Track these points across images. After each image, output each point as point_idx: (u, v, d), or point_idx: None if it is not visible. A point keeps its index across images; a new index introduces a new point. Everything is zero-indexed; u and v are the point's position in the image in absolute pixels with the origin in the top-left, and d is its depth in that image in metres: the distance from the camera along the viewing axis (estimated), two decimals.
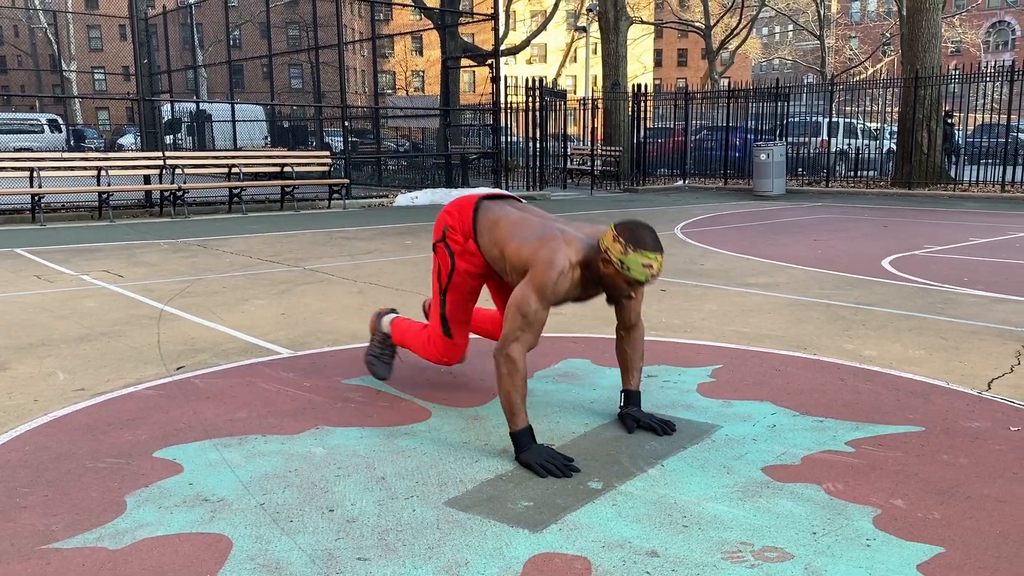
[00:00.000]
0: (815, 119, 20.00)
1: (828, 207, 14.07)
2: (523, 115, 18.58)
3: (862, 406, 3.35)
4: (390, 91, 45.82)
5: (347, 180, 14.40)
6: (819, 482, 2.61)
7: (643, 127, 20.70)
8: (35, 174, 11.11)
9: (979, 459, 2.79)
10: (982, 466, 2.73)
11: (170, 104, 22.29)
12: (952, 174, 17.83)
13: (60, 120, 26.80)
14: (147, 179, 12.66)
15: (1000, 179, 16.57)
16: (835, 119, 19.81)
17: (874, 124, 21.36)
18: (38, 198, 11.07)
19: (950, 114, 17.98)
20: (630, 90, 20.88)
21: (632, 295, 2.82)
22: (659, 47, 71.99)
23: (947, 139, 17.98)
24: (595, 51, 40.86)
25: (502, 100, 17.52)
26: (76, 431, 3.09)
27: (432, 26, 22.25)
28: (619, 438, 3.00)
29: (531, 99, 17.96)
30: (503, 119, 18.17)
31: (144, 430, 3.09)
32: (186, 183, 12.42)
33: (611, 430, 3.08)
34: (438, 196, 15.14)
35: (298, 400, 3.45)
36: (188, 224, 11.13)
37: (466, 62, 21.83)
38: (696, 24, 41.21)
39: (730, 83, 24.24)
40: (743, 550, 2.18)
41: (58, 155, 12.03)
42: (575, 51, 50.36)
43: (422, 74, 51.59)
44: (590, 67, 38.17)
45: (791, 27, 56.93)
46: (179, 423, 3.17)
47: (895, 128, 18.96)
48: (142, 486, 2.59)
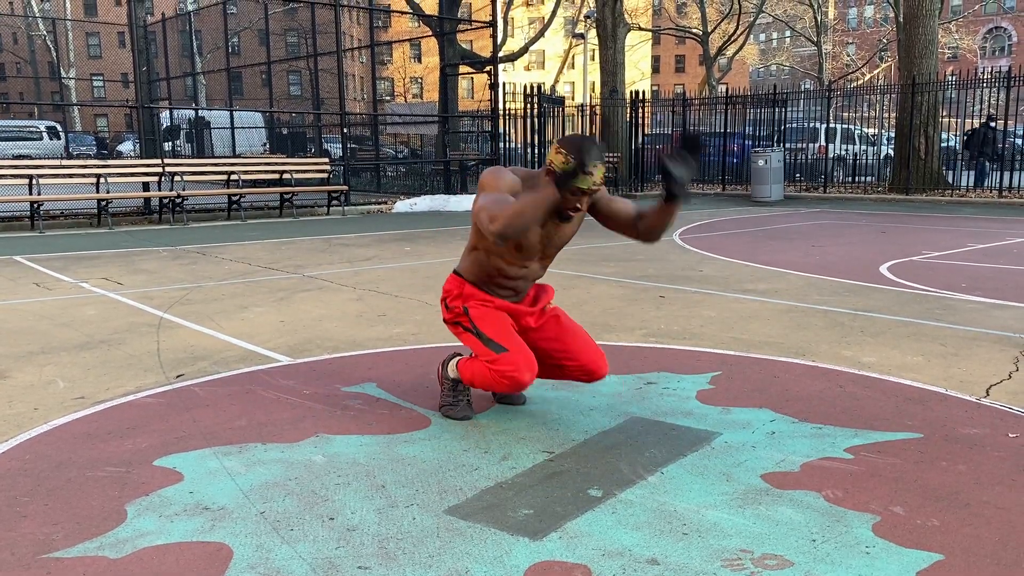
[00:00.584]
0: (813, 125, 20.05)
1: (826, 213, 14.09)
2: (521, 121, 18.61)
3: (861, 413, 3.36)
4: (389, 98, 45.89)
5: (346, 187, 14.41)
6: (818, 489, 2.61)
7: (641, 133, 20.73)
8: (34, 181, 11.12)
9: (978, 466, 2.80)
10: (981, 473, 2.74)
11: (169, 111, 22.32)
12: (994, 180, 17.27)
13: (59, 127, 26.81)
14: (146, 186, 12.67)
15: (998, 184, 16.60)
16: (833, 125, 19.87)
17: (871, 130, 21.40)
18: (37, 205, 11.07)
19: (993, 118, 17.16)
20: (628, 96, 20.92)
21: (579, 206, 2.93)
22: (657, 53, 72.12)
23: (990, 144, 17.24)
24: (593, 58, 40.97)
25: (500, 106, 17.55)
26: (76, 439, 3.09)
27: (431, 33, 22.31)
28: (619, 446, 3.00)
29: (529, 106, 17.98)
30: (501, 125, 18.20)
31: (144, 438, 3.09)
32: (185, 190, 12.43)
33: (611, 438, 3.09)
34: (437, 202, 15.14)
35: (298, 408, 3.45)
36: (187, 231, 11.13)
37: (464, 69, 21.86)
38: (694, 31, 41.30)
39: (728, 89, 24.29)
40: (743, 558, 2.18)
41: (57, 162, 12.04)
42: (573, 58, 50.48)
43: (421, 81, 51.65)
44: (588, 73, 38.24)
45: (788, 33, 57.07)
46: (179, 431, 3.17)
47: (892, 134, 19.00)
48: (142, 495, 2.59)
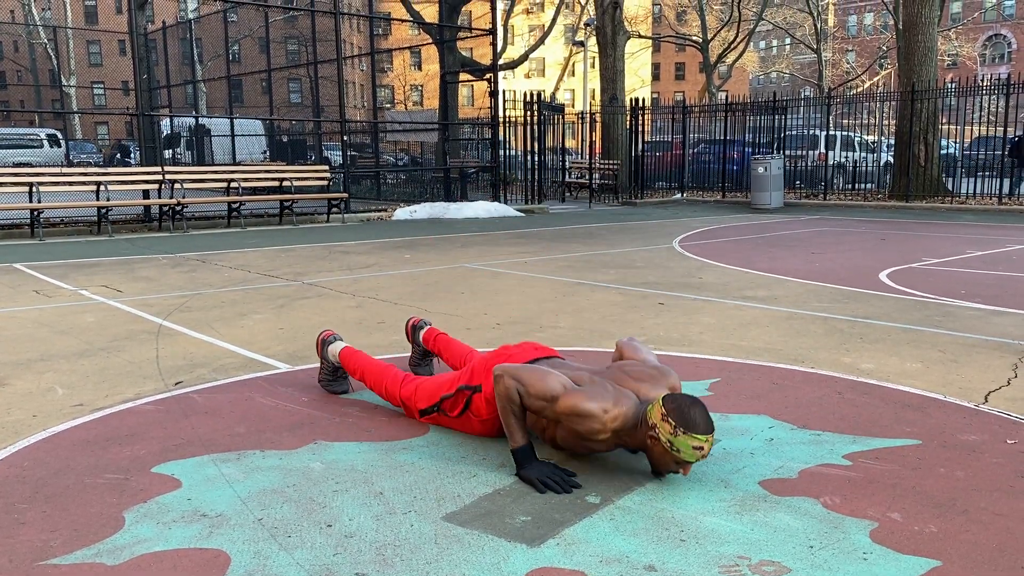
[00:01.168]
0: (813, 132, 20.08)
1: (826, 220, 14.11)
2: (521, 129, 18.65)
3: (859, 419, 3.36)
4: (389, 105, 46.00)
5: (346, 194, 14.43)
6: (816, 496, 2.61)
7: (641, 140, 20.77)
8: (34, 189, 11.14)
9: (976, 472, 2.80)
10: (979, 479, 2.74)
11: (169, 119, 22.37)
12: None
13: (59, 135, 26.86)
14: (146, 194, 12.69)
15: (998, 192, 16.62)
16: (832, 132, 19.90)
17: (871, 137, 21.44)
18: (37, 213, 11.09)
19: None
20: (628, 104, 20.97)
21: (681, 471, 2.70)
22: (657, 61, 72.29)
23: None
24: (593, 65, 41.05)
25: (500, 114, 17.60)
26: (75, 447, 3.09)
27: (431, 41, 22.37)
28: (617, 452, 3.00)
29: (529, 113, 18.03)
30: (501, 133, 18.24)
31: (142, 445, 3.09)
32: (185, 198, 12.45)
33: None
34: (437, 210, 15.17)
35: (296, 415, 3.45)
36: (187, 239, 11.14)
37: (465, 76, 21.92)
38: (693, 38, 41.40)
39: (728, 96, 24.34)
40: (740, 564, 2.18)
41: (57, 170, 12.07)
42: (573, 65, 50.61)
43: (421, 88, 51.78)
44: (588, 81, 38.35)
45: (788, 41, 57.21)
46: (177, 438, 3.17)
47: (892, 141, 19.03)
48: (140, 501, 2.59)
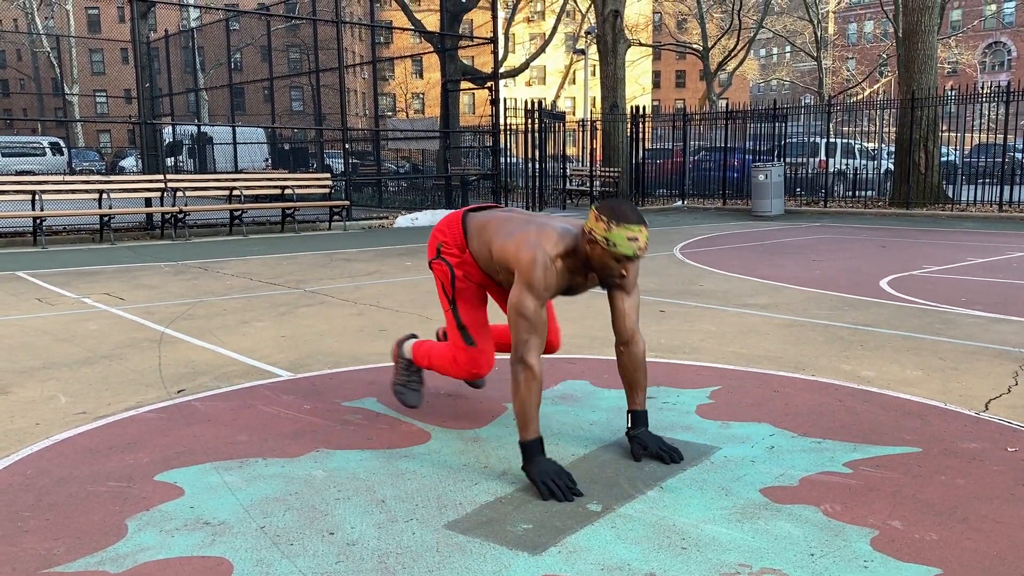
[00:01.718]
0: (813, 139, 20.11)
1: (826, 227, 14.12)
2: (522, 136, 18.68)
3: (860, 427, 3.36)
4: (390, 113, 46.09)
5: (347, 202, 14.46)
6: (817, 503, 2.62)
7: (642, 148, 20.80)
8: (37, 197, 11.17)
9: (977, 480, 2.80)
10: (980, 487, 2.74)
11: (171, 127, 22.43)
12: None
13: (62, 143, 26.93)
14: (148, 202, 12.72)
15: (998, 199, 16.63)
16: (833, 139, 19.93)
17: (872, 144, 21.46)
18: (40, 221, 11.11)
19: None
20: (628, 111, 21.01)
21: (624, 272, 2.83)
22: (657, 69, 72.44)
23: None
24: (594, 73, 41.15)
25: (501, 122, 17.63)
26: (77, 454, 3.10)
27: (432, 49, 22.43)
28: (618, 460, 3.01)
29: (530, 121, 18.07)
30: (502, 140, 18.28)
31: (145, 453, 3.10)
32: (187, 206, 12.48)
33: (610, 452, 3.10)
34: (438, 217, 15.20)
35: (298, 423, 3.46)
36: (189, 246, 11.17)
37: (466, 84, 21.99)
38: (694, 46, 41.50)
39: (728, 104, 24.39)
40: (741, 572, 2.19)
41: (60, 178, 12.09)
42: (574, 73, 50.71)
43: (422, 96, 51.89)
44: (589, 89, 38.42)
45: (788, 48, 57.32)
46: (180, 446, 3.18)
47: (892, 148, 19.05)
48: (143, 509, 2.60)
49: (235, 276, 8.09)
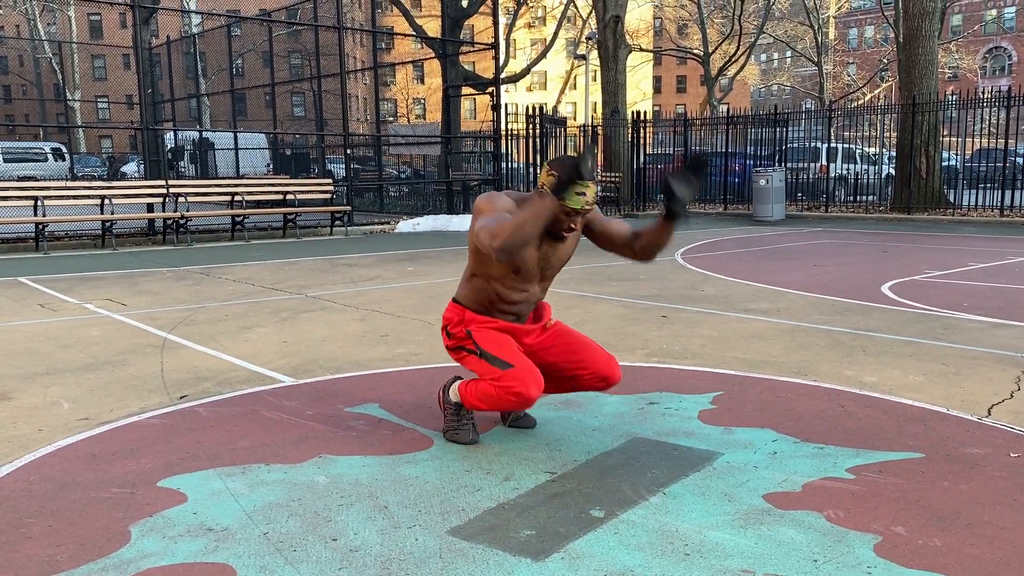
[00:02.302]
0: (814, 144, 20.11)
1: (828, 232, 14.12)
2: (523, 142, 18.71)
3: (862, 432, 3.36)
4: (392, 119, 46.12)
5: (349, 207, 14.47)
6: (820, 509, 2.62)
7: (643, 153, 20.82)
8: (39, 203, 11.19)
9: (980, 485, 2.80)
10: (983, 492, 2.74)
11: (173, 132, 22.46)
12: None
13: (64, 149, 26.97)
14: (150, 207, 12.74)
15: (999, 204, 16.63)
16: (834, 144, 19.93)
17: (873, 149, 21.47)
18: (42, 227, 11.13)
19: None
20: (629, 117, 21.04)
21: (572, 226, 3.00)
22: (658, 74, 72.53)
23: None
24: (595, 78, 41.18)
25: (503, 127, 17.65)
26: (80, 460, 3.10)
27: (433, 55, 22.46)
28: (621, 466, 3.01)
29: (531, 126, 18.09)
30: (504, 146, 18.30)
31: (148, 459, 3.11)
32: (189, 211, 12.50)
33: (613, 458, 3.09)
34: (439, 222, 15.21)
35: (301, 429, 3.46)
36: (191, 252, 11.18)
37: (467, 90, 22.01)
38: (695, 51, 41.55)
39: (729, 109, 24.41)
40: None
41: (62, 184, 12.12)
42: (575, 78, 50.77)
43: (423, 102, 51.96)
44: (590, 94, 38.47)
45: (789, 54, 57.37)
46: (183, 452, 3.18)
47: (894, 153, 19.06)
48: (146, 516, 2.60)
49: (237, 282, 8.10)
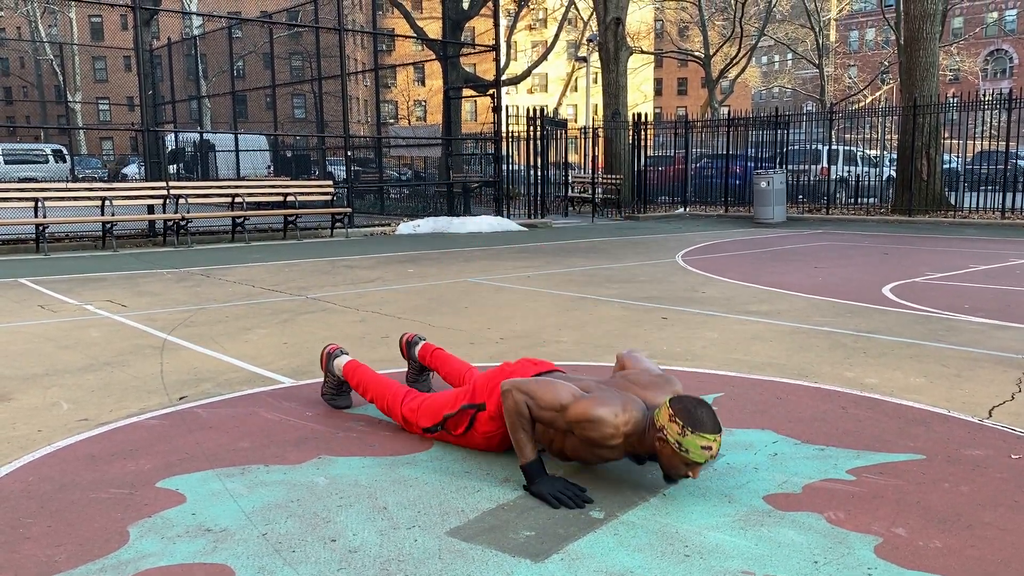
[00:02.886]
0: (815, 147, 20.12)
1: (829, 234, 14.12)
2: (524, 144, 18.71)
3: (863, 434, 3.35)
4: (392, 120, 46.14)
5: (349, 209, 14.48)
6: (820, 511, 2.61)
7: (643, 155, 20.82)
8: (39, 204, 11.20)
9: (981, 487, 2.79)
10: (984, 494, 2.73)
11: (174, 134, 22.47)
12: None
13: (65, 150, 26.99)
14: (151, 209, 12.74)
15: (1000, 206, 16.63)
16: (835, 147, 19.94)
17: (874, 151, 21.48)
18: (42, 228, 11.13)
19: None
20: (630, 119, 21.04)
21: (690, 474, 2.70)
22: (659, 76, 72.59)
23: None
24: (596, 80, 41.20)
25: (503, 129, 17.66)
26: (79, 461, 3.10)
27: (434, 57, 22.48)
28: (621, 467, 3.00)
29: (532, 128, 18.09)
30: (504, 148, 18.30)
31: (147, 460, 3.10)
32: (189, 213, 12.50)
33: None
34: (440, 224, 15.21)
35: (300, 430, 3.46)
36: (191, 253, 11.18)
37: (468, 92, 22.00)
38: (696, 53, 41.57)
39: (730, 111, 24.43)
40: None
41: (62, 185, 12.12)
42: (576, 80, 50.79)
43: (424, 103, 51.98)
44: (591, 96, 38.48)
45: (790, 56, 57.41)
46: (182, 453, 3.18)
47: (895, 155, 19.06)
48: (145, 516, 2.60)
49: (237, 283, 8.09)
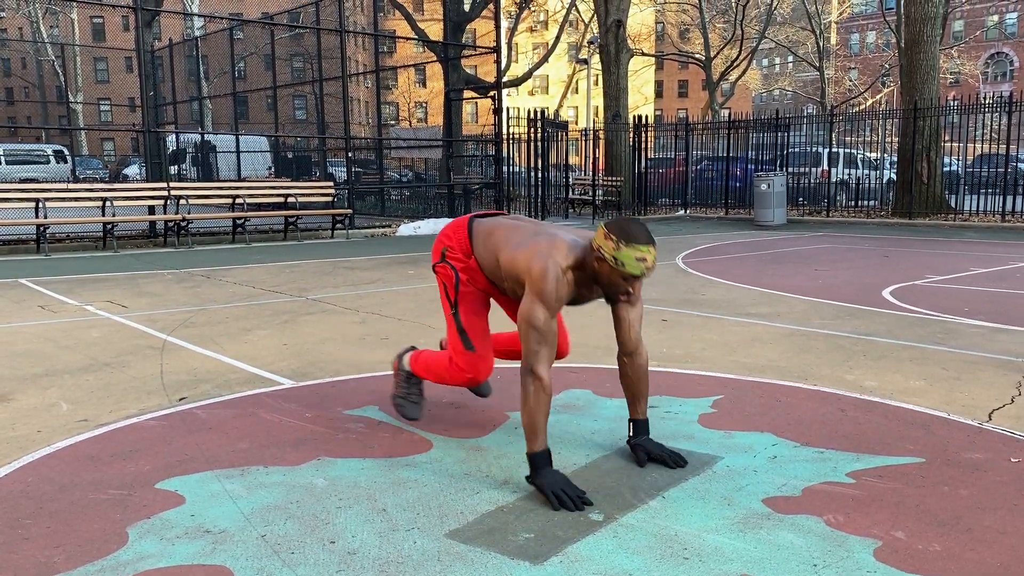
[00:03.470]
0: (815, 149, 20.11)
1: (829, 237, 14.12)
2: (525, 146, 18.72)
3: (863, 437, 3.35)
4: (393, 122, 46.16)
5: (350, 210, 14.48)
6: (820, 514, 2.61)
7: (644, 157, 20.82)
8: (40, 204, 11.20)
9: (980, 490, 2.79)
10: (983, 497, 2.73)
11: (175, 135, 22.48)
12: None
13: (66, 151, 27.00)
14: (151, 209, 12.74)
15: (1000, 209, 16.63)
16: (835, 149, 19.93)
17: (874, 154, 21.47)
18: (43, 228, 11.13)
19: None
20: (631, 121, 21.04)
21: (630, 290, 2.85)
22: (660, 78, 72.59)
23: None
24: (596, 83, 41.21)
25: (504, 131, 17.66)
26: (79, 462, 3.10)
27: (435, 59, 22.49)
28: (620, 469, 3.00)
29: (533, 130, 18.10)
30: (505, 150, 18.31)
31: (146, 461, 3.10)
32: (190, 213, 12.50)
33: (613, 461, 3.09)
34: (441, 226, 15.21)
35: (300, 431, 3.46)
36: (192, 254, 11.18)
37: (469, 94, 22.00)
38: (696, 56, 41.59)
39: (731, 114, 24.43)
40: None
41: (63, 186, 12.12)
42: (577, 82, 50.79)
43: (425, 105, 51.99)
44: (591, 98, 38.49)
45: (791, 59, 57.41)
46: (181, 454, 3.18)
47: (895, 158, 19.05)
48: (144, 517, 2.60)
49: (238, 284, 8.09)
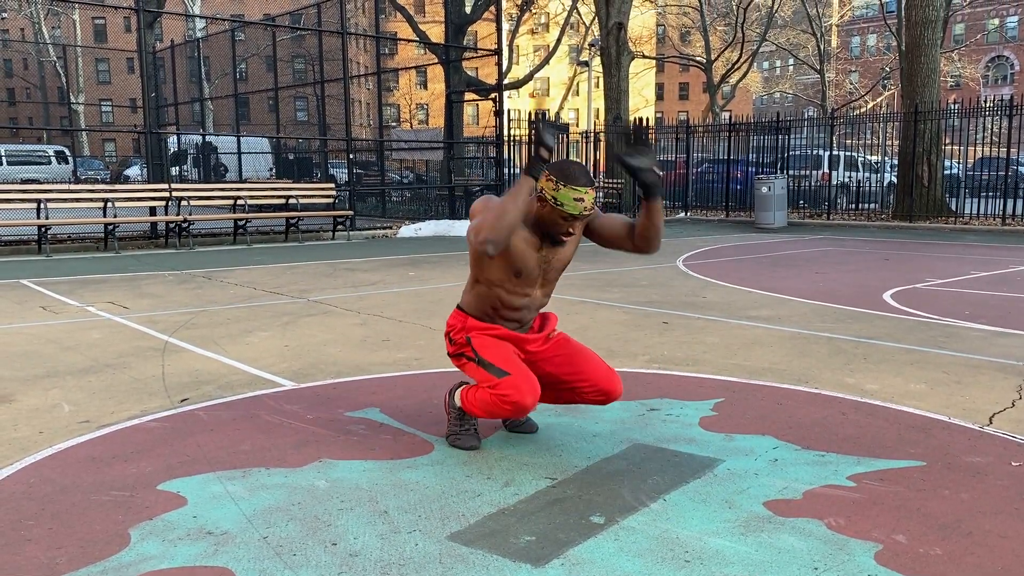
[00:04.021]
0: (816, 152, 20.12)
1: (829, 240, 14.12)
2: (526, 147, 18.73)
3: (864, 440, 3.36)
4: (394, 123, 46.20)
5: (351, 212, 14.49)
6: (821, 517, 2.61)
7: None
8: (42, 205, 11.21)
9: (981, 494, 2.80)
10: (984, 501, 2.74)
11: (176, 136, 22.50)
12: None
13: (67, 152, 27.02)
14: (153, 211, 12.75)
15: (1001, 212, 16.63)
16: (836, 152, 19.94)
17: (875, 157, 21.48)
18: (44, 229, 11.14)
19: None
20: (632, 123, 21.04)
21: (570, 231, 3.00)
22: (661, 81, 72.61)
23: None
24: (597, 85, 41.22)
25: (505, 133, 17.67)
26: (81, 463, 3.10)
27: (437, 61, 22.51)
28: (621, 472, 3.01)
29: (534, 132, 18.10)
30: (506, 151, 18.32)
31: (148, 462, 3.11)
32: (191, 215, 12.51)
33: (613, 464, 3.09)
34: (441, 227, 15.21)
35: (301, 433, 3.46)
36: (193, 255, 11.19)
37: (470, 96, 22.02)
38: (697, 59, 41.62)
39: (731, 116, 24.44)
40: None
41: (65, 186, 12.14)
42: (577, 85, 50.83)
43: (426, 107, 52.01)
44: (592, 101, 38.48)
45: (792, 61, 57.43)
46: (183, 455, 3.18)
47: (896, 161, 19.06)
48: (146, 519, 2.60)
49: (239, 285, 8.10)
